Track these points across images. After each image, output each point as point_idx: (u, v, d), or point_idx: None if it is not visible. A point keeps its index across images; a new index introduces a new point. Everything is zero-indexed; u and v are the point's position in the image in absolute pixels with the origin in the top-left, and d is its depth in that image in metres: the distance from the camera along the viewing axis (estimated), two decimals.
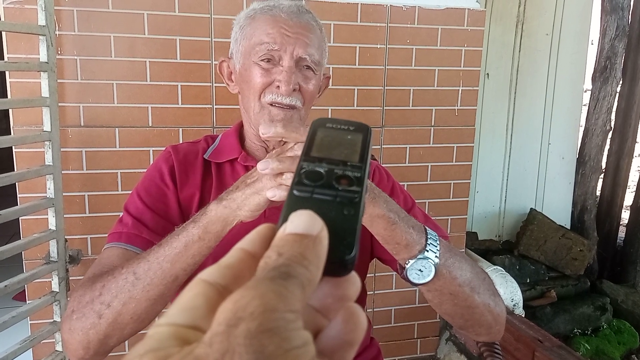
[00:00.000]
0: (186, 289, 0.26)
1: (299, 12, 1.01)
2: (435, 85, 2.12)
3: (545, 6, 3.01)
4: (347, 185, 0.33)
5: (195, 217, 0.80)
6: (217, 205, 0.78)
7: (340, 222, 0.30)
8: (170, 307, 0.26)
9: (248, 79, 1.00)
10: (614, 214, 3.37)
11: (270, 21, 0.99)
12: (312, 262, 0.26)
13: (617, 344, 2.80)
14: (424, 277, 0.83)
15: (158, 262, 0.79)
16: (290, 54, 0.98)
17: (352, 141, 0.38)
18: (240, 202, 0.76)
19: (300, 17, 1.00)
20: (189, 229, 0.79)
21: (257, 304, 0.22)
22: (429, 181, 2.18)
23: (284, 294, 0.23)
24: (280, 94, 0.97)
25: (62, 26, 1.72)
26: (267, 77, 0.98)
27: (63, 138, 1.73)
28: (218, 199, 0.80)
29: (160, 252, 0.80)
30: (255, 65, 0.99)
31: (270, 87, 0.99)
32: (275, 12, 1.00)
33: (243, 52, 1.02)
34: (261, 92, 0.99)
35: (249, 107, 1.03)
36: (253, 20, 1.01)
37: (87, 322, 0.80)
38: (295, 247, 0.26)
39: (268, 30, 0.98)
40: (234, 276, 0.27)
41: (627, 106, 3.24)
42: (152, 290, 0.80)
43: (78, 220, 1.81)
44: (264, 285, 0.23)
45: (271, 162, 0.71)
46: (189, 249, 0.79)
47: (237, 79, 1.07)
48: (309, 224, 0.28)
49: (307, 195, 0.32)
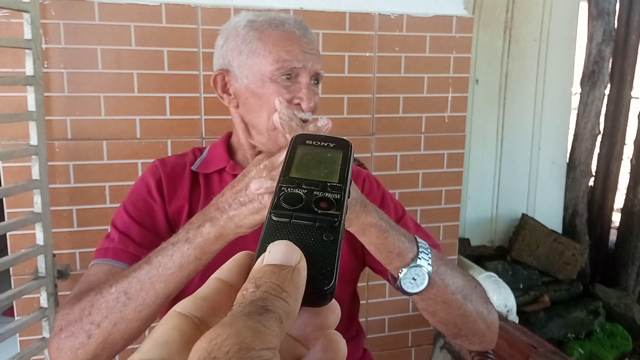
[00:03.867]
0: (161, 321, 0.25)
1: (304, 28, 1.01)
2: (425, 92, 2.12)
3: (532, 12, 3.03)
4: (326, 208, 0.32)
5: (188, 236, 0.78)
6: (213, 225, 0.77)
7: (320, 250, 0.29)
8: (144, 341, 0.25)
9: (263, 95, 0.98)
10: (605, 217, 3.39)
11: (286, 38, 0.98)
12: (290, 295, 0.25)
13: (610, 348, 2.80)
14: (418, 286, 0.83)
15: (151, 282, 0.78)
16: (309, 71, 0.98)
17: (332, 159, 0.37)
18: (239, 221, 0.76)
19: (307, 34, 1.01)
20: (184, 250, 0.77)
21: (232, 342, 0.21)
22: (420, 188, 2.18)
23: (260, 331, 0.22)
24: (302, 110, 0.97)
25: (48, 39, 1.71)
26: (287, 94, 0.97)
27: (50, 152, 1.71)
28: (211, 218, 0.78)
29: (153, 272, 0.78)
30: (273, 82, 0.97)
31: (289, 104, 0.97)
32: (289, 29, 0.99)
33: (253, 67, 0.99)
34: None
35: (258, 122, 1.00)
36: (263, 34, 0.99)
37: (76, 342, 0.79)
38: (273, 279, 0.25)
39: (287, 47, 0.97)
40: (211, 308, 0.26)
41: (615, 110, 3.26)
42: (144, 310, 0.79)
43: (66, 234, 1.79)
44: (240, 322, 0.22)
45: (265, 182, 0.70)
46: (184, 270, 0.78)
47: (239, 93, 1.03)
48: (287, 255, 0.27)
49: (286, 220, 0.31)
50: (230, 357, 0.21)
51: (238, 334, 0.22)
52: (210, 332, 0.22)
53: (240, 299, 0.25)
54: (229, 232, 0.77)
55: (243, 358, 0.21)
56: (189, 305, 0.26)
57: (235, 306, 0.24)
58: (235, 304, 0.24)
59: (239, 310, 0.23)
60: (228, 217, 0.76)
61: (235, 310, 0.24)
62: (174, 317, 0.25)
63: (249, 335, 0.22)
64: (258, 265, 0.27)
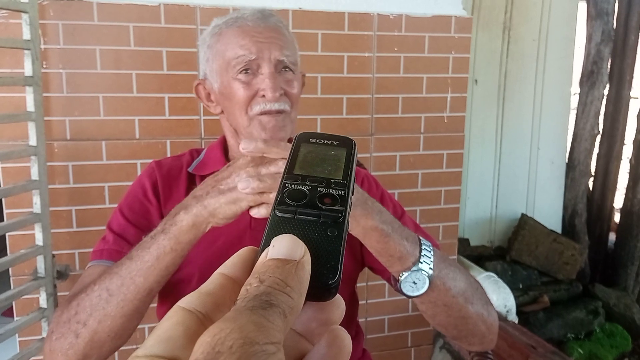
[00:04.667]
0: (165, 317, 0.25)
1: (264, 16, 1.00)
2: (424, 93, 2.12)
3: (531, 12, 3.03)
4: (330, 204, 0.32)
5: (165, 226, 0.77)
6: (187, 213, 0.75)
7: (324, 245, 0.29)
8: (148, 336, 0.25)
9: (231, 96, 0.99)
10: (604, 217, 3.39)
11: (239, 32, 0.97)
12: (294, 289, 0.25)
13: (610, 348, 2.80)
14: (418, 290, 0.82)
15: (130, 276, 0.77)
16: (268, 60, 0.96)
17: (336, 157, 0.37)
18: (212, 210, 0.74)
19: (267, 21, 0.99)
20: (159, 241, 0.76)
21: (236, 337, 0.21)
22: (419, 188, 2.18)
23: (264, 325, 0.22)
24: (268, 101, 0.96)
25: (47, 40, 1.70)
26: (249, 90, 0.97)
27: (49, 152, 1.71)
28: (186, 206, 0.77)
29: (132, 266, 0.77)
30: (234, 81, 0.97)
31: (255, 98, 0.97)
32: (241, 22, 0.98)
33: (218, 70, 1.00)
34: (247, 105, 0.97)
35: (237, 124, 1.01)
36: (220, 36, 1.00)
37: (66, 343, 0.79)
38: (277, 274, 0.25)
39: (240, 42, 0.96)
40: (215, 303, 0.26)
41: (614, 110, 3.26)
42: (126, 306, 0.78)
43: (65, 235, 1.79)
44: (243, 317, 0.22)
45: (252, 182, 0.69)
46: (161, 262, 0.77)
47: (217, 99, 1.05)
48: (291, 249, 0.27)
49: (290, 216, 0.31)
50: (234, 352, 0.20)
51: (242, 328, 0.21)
52: (214, 326, 0.22)
53: (244, 293, 0.24)
54: (202, 221, 0.75)
55: (247, 353, 0.21)
56: (193, 300, 0.26)
57: (239, 301, 0.24)
58: (239, 298, 0.24)
59: (243, 305, 0.23)
60: (202, 205, 0.74)
61: (239, 305, 0.24)
62: (177, 312, 0.25)
63: (253, 330, 0.21)
64: (262, 259, 0.27)
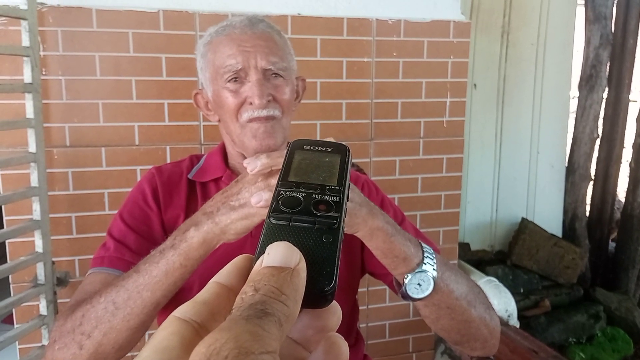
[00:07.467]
0: (160, 327, 0.25)
1: (252, 23, 1.00)
2: (423, 97, 2.12)
3: (529, 16, 3.04)
4: (325, 210, 0.32)
5: (174, 242, 0.77)
6: (197, 230, 0.75)
7: (320, 251, 0.29)
8: (144, 346, 0.25)
9: (222, 104, 1.00)
10: (604, 221, 3.38)
11: (226, 41, 0.98)
12: (289, 297, 0.25)
13: (611, 352, 2.80)
14: (423, 291, 0.82)
15: (138, 291, 0.77)
16: (255, 68, 0.96)
17: (330, 163, 0.37)
18: (224, 226, 0.74)
19: (254, 28, 0.99)
20: (169, 256, 0.76)
21: (231, 347, 0.21)
22: (419, 193, 2.18)
23: (259, 334, 0.22)
24: (255, 108, 0.96)
25: (46, 46, 1.71)
26: (238, 98, 0.97)
27: (49, 159, 1.71)
28: (196, 222, 0.76)
29: (140, 280, 0.77)
30: (223, 89, 0.98)
31: (244, 105, 0.97)
32: (229, 31, 0.99)
33: (210, 79, 1.01)
34: (237, 113, 0.98)
35: (231, 131, 1.02)
36: (211, 45, 1.01)
37: (69, 353, 0.78)
38: (272, 282, 0.25)
39: (227, 52, 0.97)
40: (210, 312, 0.26)
41: (613, 113, 3.26)
42: (132, 319, 0.78)
43: (65, 241, 1.78)
44: (238, 326, 0.22)
45: (264, 194, 0.70)
46: (169, 277, 0.77)
47: (213, 107, 1.06)
48: (286, 256, 0.27)
49: (285, 223, 0.31)
50: None
51: (237, 338, 0.21)
52: (209, 336, 0.22)
53: (239, 302, 0.24)
54: (213, 238, 0.75)
55: None
56: (188, 310, 0.25)
57: (234, 310, 0.24)
58: (234, 307, 0.24)
59: (238, 314, 0.23)
60: (214, 222, 0.74)
61: (234, 314, 0.23)
62: (173, 322, 0.25)
63: (248, 339, 0.21)
64: (257, 267, 0.27)
